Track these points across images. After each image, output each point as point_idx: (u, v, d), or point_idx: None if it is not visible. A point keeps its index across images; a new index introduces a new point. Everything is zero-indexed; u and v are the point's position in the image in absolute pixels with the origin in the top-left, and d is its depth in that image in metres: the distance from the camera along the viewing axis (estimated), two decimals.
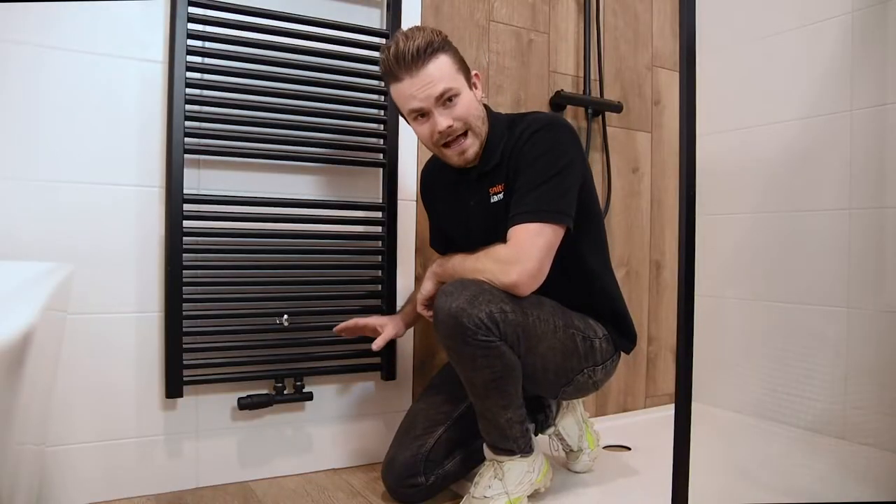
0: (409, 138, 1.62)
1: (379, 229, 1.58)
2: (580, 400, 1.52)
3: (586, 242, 1.35)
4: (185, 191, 1.35)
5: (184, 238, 1.35)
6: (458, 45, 1.30)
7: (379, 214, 1.58)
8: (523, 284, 1.19)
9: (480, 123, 1.29)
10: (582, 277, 1.36)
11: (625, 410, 2.07)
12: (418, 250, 1.67)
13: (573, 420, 1.50)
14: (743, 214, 1.99)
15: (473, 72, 1.31)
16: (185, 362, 1.36)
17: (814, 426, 1.76)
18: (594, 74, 1.96)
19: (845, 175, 1.71)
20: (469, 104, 1.26)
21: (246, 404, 1.43)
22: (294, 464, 1.53)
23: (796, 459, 1.65)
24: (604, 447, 1.65)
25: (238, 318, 1.44)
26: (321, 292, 1.52)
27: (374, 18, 1.61)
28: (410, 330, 1.61)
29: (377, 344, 1.43)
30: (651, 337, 2.13)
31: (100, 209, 1.32)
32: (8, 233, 1.24)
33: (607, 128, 2.00)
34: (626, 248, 2.07)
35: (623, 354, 1.44)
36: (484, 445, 1.30)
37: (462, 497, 1.31)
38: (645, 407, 2.11)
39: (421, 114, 1.25)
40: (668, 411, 1.32)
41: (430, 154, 1.54)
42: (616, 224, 2.04)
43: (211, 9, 1.38)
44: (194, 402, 1.42)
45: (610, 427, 1.84)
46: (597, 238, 1.40)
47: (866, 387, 1.65)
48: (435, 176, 1.49)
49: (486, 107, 1.35)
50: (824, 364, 1.73)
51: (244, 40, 1.41)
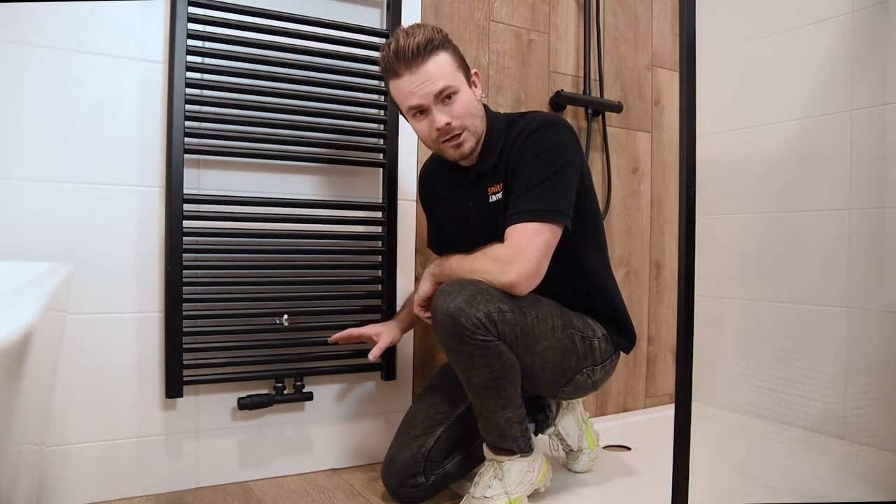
0: (409, 138, 1.62)
1: (379, 229, 1.58)
2: (580, 400, 1.52)
3: (585, 242, 1.35)
4: (185, 191, 1.35)
5: (184, 238, 1.35)
6: (458, 45, 1.30)
7: (379, 214, 1.58)
8: (521, 284, 1.19)
9: (479, 122, 1.29)
10: (581, 277, 1.36)
11: (625, 410, 2.07)
12: (418, 250, 1.67)
13: (573, 420, 1.50)
14: (743, 214, 1.99)
15: (473, 70, 1.31)
16: (185, 362, 1.36)
17: (814, 426, 1.76)
18: (594, 74, 1.96)
19: (845, 175, 1.71)
20: (468, 102, 1.26)
21: (246, 404, 1.43)
22: (294, 464, 1.53)
23: (796, 459, 1.65)
24: (604, 447, 1.65)
25: (238, 318, 1.44)
26: (321, 292, 1.52)
27: (374, 18, 1.61)
28: (411, 331, 1.61)
29: (373, 354, 1.44)
30: (651, 337, 2.13)
31: (100, 209, 1.32)
32: (8, 233, 1.24)
33: (607, 128, 2.00)
34: (626, 248, 2.07)
35: (622, 354, 1.44)
36: (483, 445, 1.30)
37: (462, 497, 1.31)
38: (645, 407, 2.11)
39: (420, 111, 1.25)
40: (668, 411, 1.32)
41: (430, 154, 1.55)
42: (616, 224, 2.04)
43: (211, 9, 1.38)
44: (194, 402, 1.42)
45: (610, 427, 1.84)
46: (596, 238, 1.40)
47: (866, 387, 1.65)
48: (434, 176, 1.49)
49: (485, 106, 1.35)
50: (824, 364, 1.73)
51: (244, 40, 1.42)
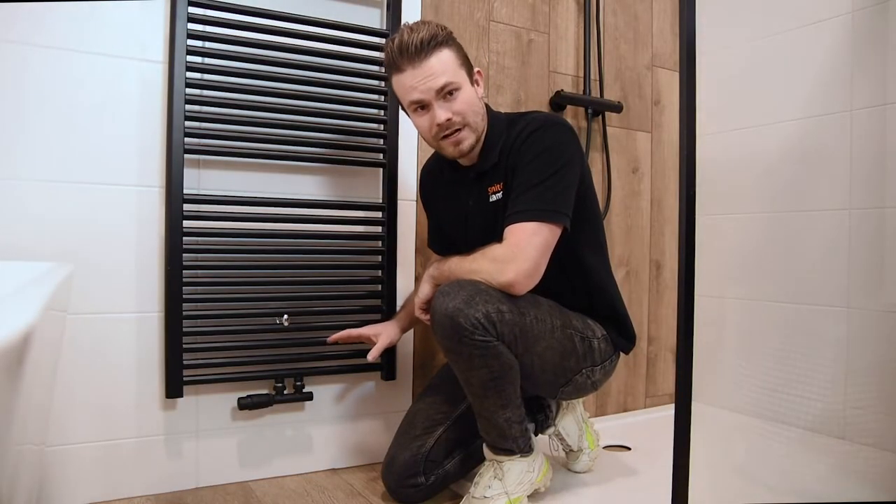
0: (410, 138, 1.62)
1: (379, 229, 1.58)
2: (580, 400, 1.52)
3: (585, 242, 1.35)
4: (185, 191, 1.35)
5: (184, 238, 1.35)
6: None
7: (379, 214, 1.58)
8: (519, 283, 1.19)
9: (479, 120, 1.29)
10: (580, 277, 1.36)
11: (625, 410, 2.07)
12: (418, 250, 1.67)
13: (573, 420, 1.50)
14: (743, 214, 1.99)
15: (476, 69, 1.31)
16: (185, 362, 1.36)
17: (814, 426, 1.76)
18: (594, 74, 1.96)
19: (845, 175, 1.71)
20: (469, 100, 1.26)
21: (246, 404, 1.43)
22: (294, 464, 1.53)
23: (796, 459, 1.65)
24: (604, 447, 1.65)
25: (238, 318, 1.44)
26: (321, 292, 1.52)
27: (374, 18, 1.61)
28: (411, 331, 1.62)
29: (372, 355, 1.44)
30: (651, 337, 2.13)
31: (100, 209, 1.32)
32: (8, 233, 1.24)
33: (607, 128, 2.00)
34: (626, 248, 2.07)
35: (622, 354, 1.44)
36: (483, 445, 1.30)
37: (462, 497, 1.31)
38: (645, 407, 2.11)
39: (421, 106, 1.25)
40: (668, 411, 1.32)
41: (430, 154, 1.55)
42: (616, 224, 2.04)
43: (211, 9, 1.38)
44: (194, 402, 1.42)
45: (610, 427, 1.84)
46: (595, 238, 1.40)
47: (866, 387, 1.65)
48: (434, 175, 1.49)
49: (487, 106, 1.35)
50: (824, 364, 1.73)
51: (244, 40, 1.42)
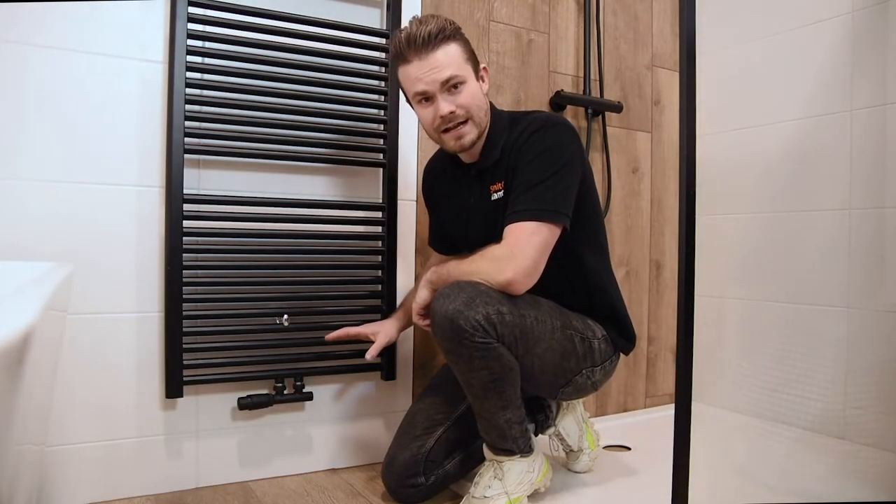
0: (410, 138, 1.62)
1: (379, 229, 1.58)
2: (580, 400, 1.52)
3: (585, 242, 1.35)
4: (185, 191, 1.35)
5: (184, 238, 1.35)
6: None
7: (379, 214, 1.58)
8: (518, 282, 1.18)
9: (483, 115, 1.30)
10: (580, 277, 1.36)
11: (625, 410, 2.07)
12: (418, 250, 1.66)
13: (573, 420, 1.50)
14: (743, 214, 1.99)
15: (482, 65, 1.31)
16: (185, 362, 1.36)
17: (814, 426, 1.76)
18: (594, 74, 1.96)
19: (845, 175, 1.71)
20: (474, 94, 1.27)
21: (246, 404, 1.43)
22: (294, 464, 1.53)
23: (796, 459, 1.65)
24: (604, 447, 1.65)
25: (238, 318, 1.44)
26: (321, 292, 1.52)
27: (374, 18, 1.61)
28: (411, 330, 1.62)
29: (370, 353, 1.44)
30: (651, 337, 2.13)
31: (100, 209, 1.32)
32: (8, 233, 1.24)
33: (607, 128, 1.99)
34: (626, 248, 2.07)
35: (622, 355, 1.44)
36: (483, 445, 1.30)
37: (462, 497, 1.31)
38: (645, 407, 2.11)
39: (425, 97, 1.26)
40: (668, 411, 1.32)
41: (431, 154, 1.55)
42: (616, 224, 2.04)
43: (211, 9, 1.38)
44: (194, 402, 1.42)
45: (610, 427, 1.84)
46: (596, 238, 1.40)
47: (866, 387, 1.65)
48: (437, 173, 1.49)
49: (491, 103, 1.35)
50: (824, 364, 1.73)
51: (244, 40, 1.42)
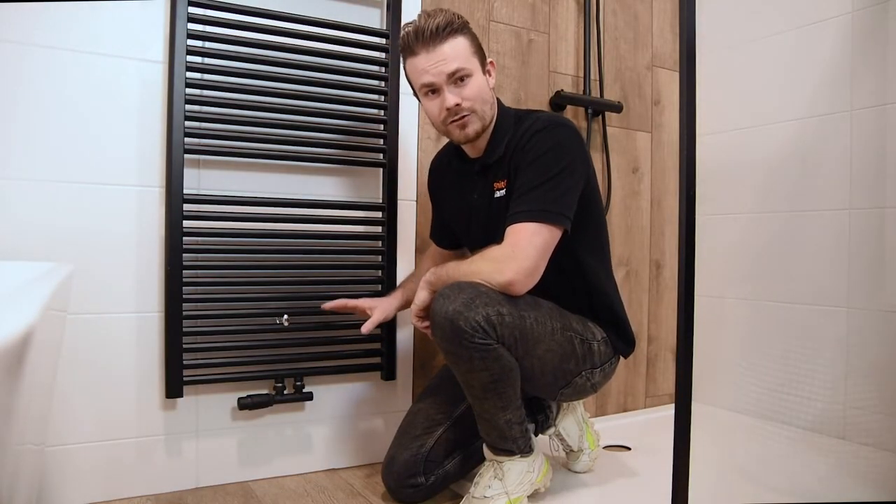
0: (410, 138, 1.62)
1: (379, 229, 1.58)
2: (580, 400, 1.52)
3: (586, 245, 1.35)
4: (185, 191, 1.35)
5: (184, 238, 1.35)
6: None
7: (379, 214, 1.58)
8: (518, 283, 1.18)
9: (488, 108, 1.30)
10: (580, 278, 1.36)
11: (625, 410, 2.07)
12: (418, 250, 1.66)
13: (573, 420, 1.50)
14: (743, 214, 1.99)
15: (489, 59, 1.32)
16: (185, 362, 1.36)
17: (814, 426, 1.76)
18: (594, 74, 1.96)
19: (845, 175, 1.71)
20: (480, 87, 1.27)
21: (246, 404, 1.43)
22: (294, 464, 1.53)
23: (796, 459, 1.65)
24: (604, 447, 1.65)
25: (238, 318, 1.44)
26: (321, 292, 1.52)
27: (374, 18, 1.61)
28: (410, 330, 1.62)
29: (366, 327, 1.42)
30: (651, 337, 2.13)
31: (100, 209, 1.32)
32: (8, 233, 1.23)
33: (607, 128, 1.99)
34: (626, 248, 2.07)
35: (622, 358, 1.44)
36: (484, 446, 1.30)
37: (462, 497, 1.31)
38: (645, 407, 2.11)
39: (432, 90, 1.26)
40: (668, 411, 1.32)
41: (431, 154, 1.55)
42: (616, 224, 2.04)
43: (211, 9, 1.38)
44: (194, 402, 1.42)
45: (610, 427, 1.84)
46: (597, 240, 1.40)
47: (866, 387, 1.65)
48: (443, 166, 1.51)
49: (498, 99, 1.36)
50: (824, 364, 1.73)
51: (244, 40, 1.42)
